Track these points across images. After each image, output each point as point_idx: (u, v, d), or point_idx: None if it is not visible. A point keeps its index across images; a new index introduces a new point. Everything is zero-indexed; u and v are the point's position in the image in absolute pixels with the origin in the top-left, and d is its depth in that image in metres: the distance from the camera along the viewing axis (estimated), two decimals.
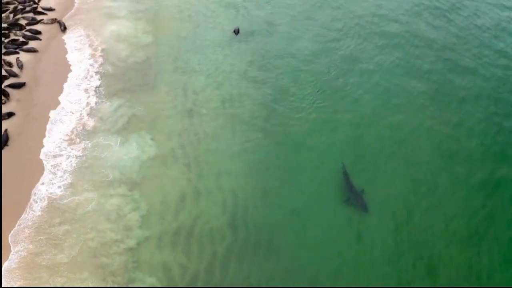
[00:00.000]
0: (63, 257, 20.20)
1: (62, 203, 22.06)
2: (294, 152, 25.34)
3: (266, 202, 22.93)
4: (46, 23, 32.64)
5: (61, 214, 21.68)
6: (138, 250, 20.62)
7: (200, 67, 30.42)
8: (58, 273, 19.77)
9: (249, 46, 32.44)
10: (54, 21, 32.84)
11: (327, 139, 26.10)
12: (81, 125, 25.70)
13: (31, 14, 33.18)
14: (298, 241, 21.56)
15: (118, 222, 21.57)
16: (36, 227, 21.12)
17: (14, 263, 19.89)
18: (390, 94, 29.25)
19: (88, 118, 26.13)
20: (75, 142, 24.77)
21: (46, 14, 33.52)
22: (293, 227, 22.02)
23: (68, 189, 22.65)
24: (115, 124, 25.93)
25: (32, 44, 30.68)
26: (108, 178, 23.19)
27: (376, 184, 23.87)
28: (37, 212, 21.69)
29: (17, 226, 21.10)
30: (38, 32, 31.69)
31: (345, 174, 23.79)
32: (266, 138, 25.93)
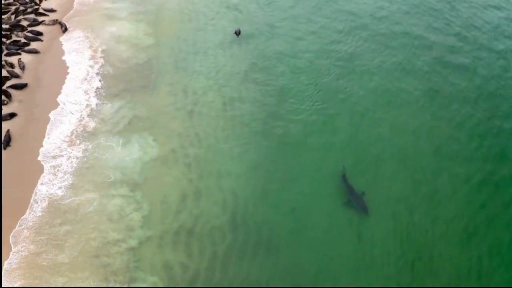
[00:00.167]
0: (64, 257, 20.25)
1: (63, 204, 22.11)
2: (294, 152, 25.41)
3: (266, 202, 23.01)
4: (48, 24, 32.78)
5: (62, 214, 21.73)
6: (140, 249, 20.68)
7: (201, 68, 30.51)
8: (59, 273, 19.81)
9: (250, 47, 32.55)
10: (55, 22, 32.97)
11: (327, 140, 26.16)
12: (82, 126, 25.78)
13: (33, 15, 33.34)
14: (297, 240, 21.63)
15: (120, 222, 21.63)
16: (37, 228, 21.17)
17: (15, 263, 19.93)
18: (390, 95, 29.34)
19: (89, 119, 26.21)
20: (77, 143, 24.85)
21: (48, 15, 33.66)
22: (292, 226, 22.09)
23: (69, 189, 22.70)
24: (117, 125, 26.01)
25: (33, 45, 30.80)
26: (110, 179, 23.26)
27: (376, 185, 23.92)
28: (38, 212, 21.73)
29: (18, 226, 21.15)
30: (40, 33, 31.81)
31: (344, 177, 23.83)
32: (266, 139, 26.00)
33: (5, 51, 29.75)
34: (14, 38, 31.11)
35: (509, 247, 21.76)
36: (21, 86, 27.62)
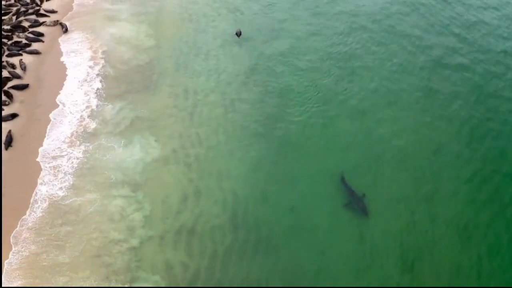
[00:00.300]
0: (65, 257, 20.32)
1: (64, 204, 22.17)
2: (294, 153, 25.49)
3: (266, 201, 23.11)
4: (49, 25, 32.84)
5: (63, 215, 21.80)
6: (141, 249, 20.76)
7: (202, 69, 30.55)
8: (60, 272, 19.88)
9: (250, 48, 32.57)
10: (56, 23, 33.05)
11: (327, 141, 26.21)
12: (83, 127, 25.83)
13: (34, 16, 33.41)
14: (297, 239, 21.72)
15: (121, 222, 21.71)
16: (38, 228, 21.23)
17: (15, 263, 20.01)
18: (391, 96, 29.34)
19: (90, 120, 26.27)
20: (78, 144, 24.90)
21: (49, 16, 33.71)
22: (292, 226, 22.19)
23: (70, 190, 22.75)
24: (118, 126, 26.06)
25: (35, 46, 30.89)
26: (111, 180, 23.31)
27: (376, 185, 23.98)
28: (39, 213, 21.79)
29: (19, 226, 21.22)
30: (41, 34, 31.88)
31: (343, 180, 23.85)
32: (266, 139, 26.07)
33: (6, 52, 29.85)
34: (16, 39, 31.19)
35: (508, 247, 21.83)
36: (22, 87, 27.72)
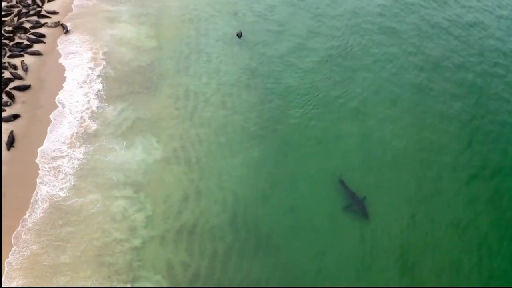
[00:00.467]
0: (66, 257, 20.44)
1: (65, 205, 22.28)
2: (294, 154, 25.65)
3: (266, 201, 23.31)
4: (50, 27, 32.90)
5: (64, 215, 21.92)
6: (142, 249, 20.91)
7: (202, 70, 30.60)
8: (62, 272, 20.01)
9: (251, 50, 32.65)
10: (57, 24, 33.12)
11: (327, 142, 26.40)
12: (85, 128, 25.90)
13: (35, 18, 33.44)
14: (297, 239, 21.90)
15: (123, 222, 21.84)
16: (40, 228, 21.35)
17: (16, 263, 20.13)
18: (391, 98, 29.42)
19: (91, 121, 26.34)
20: (80, 145, 24.97)
21: (50, 17, 33.75)
22: (292, 226, 22.37)
23: (71, 191, 22.85)
24: (119, 127, 26.14)
25: (36, 47, 30.98)
26: (112, 181, 23.39)
27: (377, 187, 24.14)
28: (41, 213, 21.89)
29: (20, 226, 21.33)
30: (43, 35, 31.95)
31: (342, 183, 23.93)
32: (266, 140, 26.21)
33: (8, 53, 29.96)
34: (17, 40, 31.27)
35: (509, 248, 21.99)
36: (24, 88, 27.84)
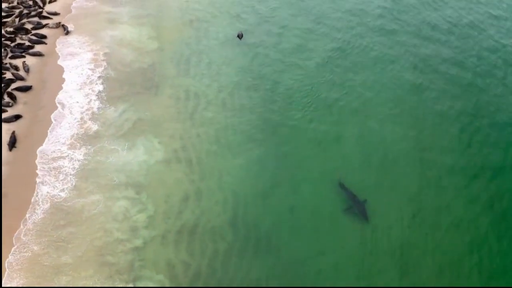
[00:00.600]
0: (68, 257, 20.54)
1: (67, 205, 22.37)
2: (294, 154, 25.78)
3: (265, 201, 23.44)
4: (51, 28, 33.02)
5: (65, 215, 22.02)
6: (144, 249, 21.04)
7: (203, 71, 30.67)
8: (63, 272, 20.11)
9: (252, 51, 32.70)
10: (58, 25, 33.24)
11: (327, 143, 26.52)
12: (86, 129, 25.95)
13: (37, 19, 33.55)
14: (296, 238, 22.04)
15: (124, 222, 21.95)
16: (41, 229, 21.45)
17: (18, 264, 20.22)
18: (392, 101, 29.45)
19: (93, 121, 26.41)
20: (81, 146, 25.04)
21: (51, 18, 33.87)
22: (292, 226, 22.50)
23: (73, 191, 22.93)
24: (121, 128, 26.20)
25: (37, 48, 31.09)
26: (114, 182, 23.48)
27: (377, 189, 24.25)
28: (42, 214, 21.97)
29: (22, 227, 21.42)
30: (44, 36, 32.07)
31: (342, 185, 24.00)
32: (266, 141, 26.34)
33: (9, 54, 30.09)
34: (19, 41, 31.39)
35: (509, 249, 22.15)
36: (25, 88, 27.98)
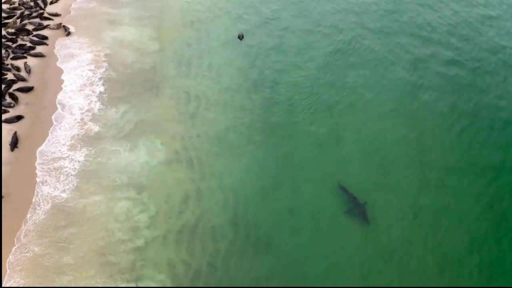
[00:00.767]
0: (69, 258, 20.65)
1: (68, 206, 22.46)
2: (294, 156, 25.88)
3: (265, 201, 23.57)
4: (52, 29, 33.12)
5: (66, 216, 22.10)
6: (145, 248, 21.15)
7: (204, 73, 30.74)
8: (65, 272, 20.20)
9: (252, 52, 32.78)
10: (59, 26, 33.35)
11: (327, 145, 26.59)
12: (88, 130, 25.98)
13: (38, 20, 33.65)
14: (296, 238, 22.17)
15: (126, 223, 22.06)
16: (42, 229, 21.52)
17: (19, 264, 20.29)
18: (392, 103, 29.43)
19: (94, 123, 26.45)
20: (83, 147, 25.10)
21: (52, 19, 33.95)
22: (291, 225, 22.63)
23: (74, 192, 23.01)
24: (122, 129, 26.28)
25: (39, 49, 31.19)
26: (115, 183, 23.57)
27: (378, 191, 24.32)
28: (44, 214, 22.04)
29: (23, 227, 21.51)
30: (45, 37, 32.16)
31: (342, 187, 24.08)
32: (267, 142, 26.42)
33: (11, 55, 30.23)
34: (20, 42, 31.51)
35: (509, 250, 22.23)
36: (27, 89, 28.09)
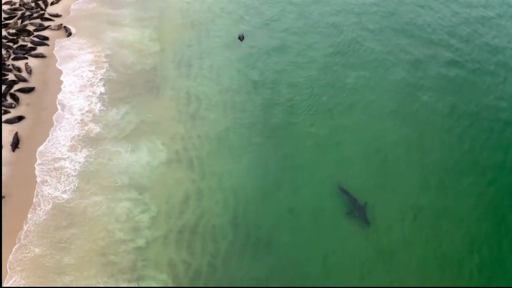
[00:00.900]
0: (71, 258, 20.71)
1: (69, 206, 22.53)
2: (294, 156, 25.98)
3: (265, 201, 23.67)
4: (53, 29, 33.24)
5: (67, 216, 22.17)
6: (146, 248, 21.24)
7: (204, 73, 30.84)
8: (66, 272, 20.27)
9: (253, 53, 32.82)
10: (60, 27, 33.46)
11: (327, 146, 26.67)
12: (89, 131, 26.03)
13: (39, 20, 33.79)
14: (296, 238, 22.25)
15: (127, 223, 22.15)
16: (43, 230, 21.58)
17: (20, 265, 20.35)
18: (393, 105, 29.45)
19: (95, 123, 26.49)
20: (83, 148, 25.14)
21: (53, 20, 34.08)
22: (291, 225, 22.72)
23: (75, 193, 23.07)
24: (124, 130, 26.33)
25: (40, 49, 31.32)
26: (117, 184, 23.64)
27: (379, 193, 24.35)
28: (45, 215, 22.10)
29: (24, 228, 21.57)
30: (46, 38, 32.29)
31: (343, 189, 24.13)
32: (267, 143, 26.51)
33: (12, 56, 30.34)
34: (21, 42, 31.62)
35: (509, 251, 22.33)
36: (28, 90, 28.20)
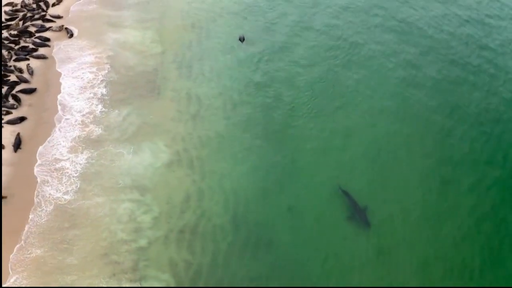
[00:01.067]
0: (73, 259, 20.94)
1: (72, 207, 22.73)
2: (294, 157, 26.14)
3: (266, 201, 23.85)
4: (55, 31, 33.45)
5: (69, 217, 22.36)
6: (148, 248, 21.47)
7: (205, 74, 30.96)
8: (68, 272, 20.49)
9: (253, 54, 32.92)
10: (61, 28, 33.67)
11: (327, 147, 26.83)
12: (90, 132, 26.19)
13: (40, 22, 33.95)
14: (295, 238, 22.45)
15: (129, 223, 22.36)
16: (44, 231, 21.79)
17: (21, 265, 20.59)
18: (393, 107, 29.55)
19: (96, 125, 26.65)
20: (85, 150, 25.30)
21: (55, 21, 34.24)
22: (291, 225, 22.90)
23: (77, 194, 23.25)
24: (126, 131, 26.52)
25: (41, 51, 31.52)
26: (119, 185, 23.83)
27: (380, 194, 24.54)
28: (47, 216, 22.28)
29: (26, 228, 21.77)
30: (47, 39, 32.48)
31: (344, 192, 24.25)
32: (267, 145, 26.67)
33: (14, 57, 30.57)
34: (23, 44, 31.81)
35: (510, 253, 22.57)
36: (30, 91, 28.41)
